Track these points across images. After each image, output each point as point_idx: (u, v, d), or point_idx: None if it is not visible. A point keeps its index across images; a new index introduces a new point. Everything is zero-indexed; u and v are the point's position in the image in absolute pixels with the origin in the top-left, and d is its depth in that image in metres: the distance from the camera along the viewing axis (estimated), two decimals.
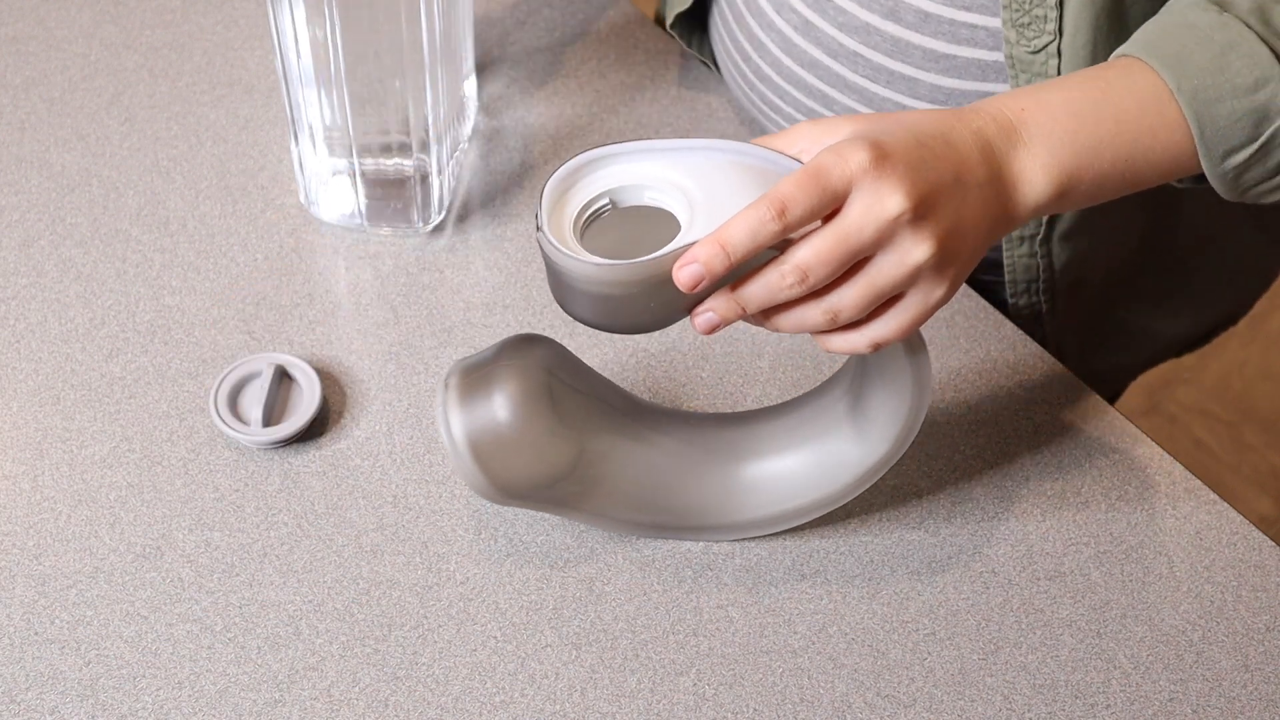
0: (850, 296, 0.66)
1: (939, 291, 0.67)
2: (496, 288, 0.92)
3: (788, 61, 0.92)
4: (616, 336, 0.90)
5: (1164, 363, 1.16)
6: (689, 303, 0.67)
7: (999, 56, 0.84)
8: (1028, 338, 0.91)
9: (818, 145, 0.67)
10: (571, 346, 0.90)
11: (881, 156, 0.64)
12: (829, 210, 0.64)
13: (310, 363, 0.88)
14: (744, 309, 0.66)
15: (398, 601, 0.80)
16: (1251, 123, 0.72)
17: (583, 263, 0.65)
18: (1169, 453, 0.86)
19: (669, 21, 1.01)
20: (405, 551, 0.81)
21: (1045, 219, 0.91)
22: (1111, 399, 1.17)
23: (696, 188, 0.67)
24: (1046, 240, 0.92)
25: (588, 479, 0.77)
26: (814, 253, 0.64)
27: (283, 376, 0.86)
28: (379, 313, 0.91)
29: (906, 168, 0.64)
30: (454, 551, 0.81)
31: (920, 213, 0.64)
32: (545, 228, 0.66)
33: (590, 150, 0.68)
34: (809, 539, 0.83)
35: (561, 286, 0.68)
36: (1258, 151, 0.73)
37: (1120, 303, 1.03)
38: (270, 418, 0.84)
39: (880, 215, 0.64)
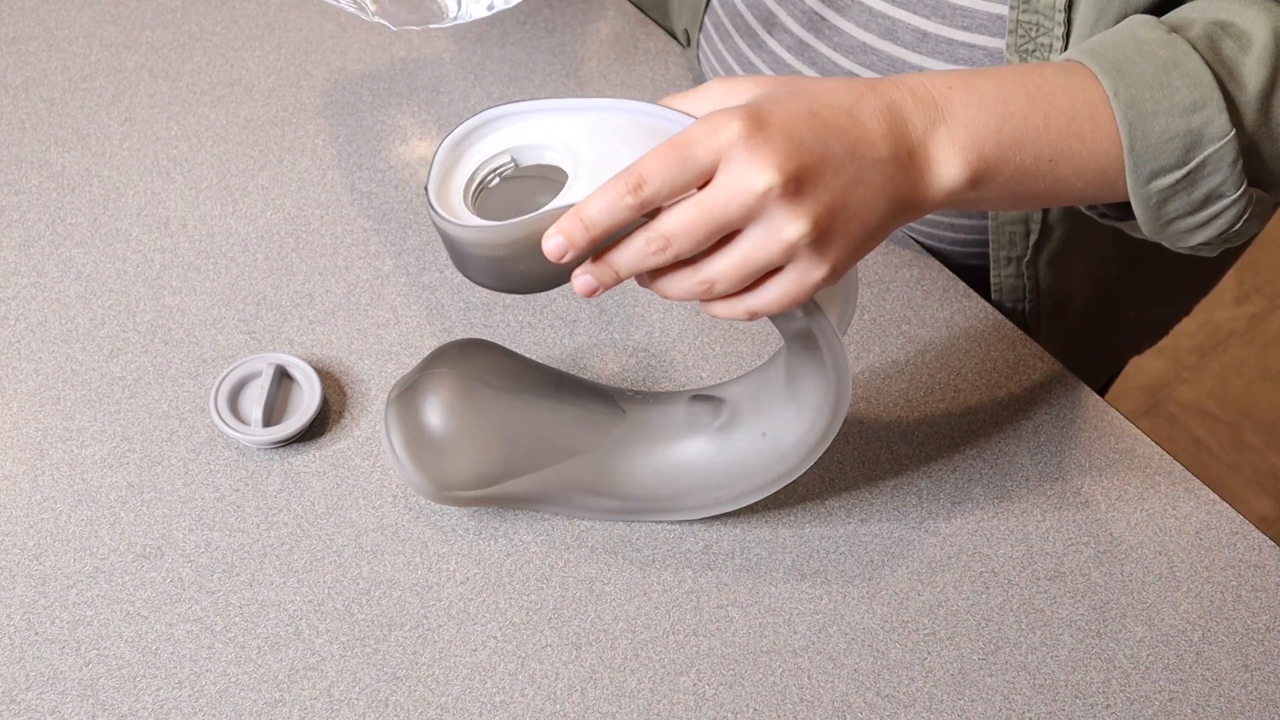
0: (722, 268, 0.65)
1: (819, 270, 0.65)
2: None
3: None
4: (603, 328, 0.90)
5: (1144, 351, 1.16)
6: (569, 265, 0.66)
7: None
8: (1027, 337, 0.91)
9: (722, 105, 0.65)
10: (568, 343, 0.90)
11: (757, 129, 0.62)
12: (696, 184, 0.63)
13: (310, 363, 0.88)
14: (617, 273, 0.66)
15: (398, 601, 0.80)
16: (1183, 146, 0.70)
17: (459, 226, 0.65)
18: (1169, 453, 0.86)
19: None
20: (405, 551, 0.81)
21: (1032, 243, 0.90)
22: (1102, 390, 1.18)
23: (587, 147, 0.66)
24: (1033, 263, 0.92)
25: (528, 474, 0.78)
26: (676, 222, 0.63)
27: (283, 376, 0.86)
28: (379, 313, 0.91)
29: (783, 140, 0.62)
30: (454, 551, 0.81)
31: (793, 188, 0.62)
32: (432, 191, 0.66)
33: (492, 108, 0.67)
34: (809, 539, 0.83)
35: (449, 249, 0.67)
36: (1184, 178, 0.71)
37: (1101, 309, 1.03)
38: (270, 418, 0.84)
39: (747, 189, 0.62)
